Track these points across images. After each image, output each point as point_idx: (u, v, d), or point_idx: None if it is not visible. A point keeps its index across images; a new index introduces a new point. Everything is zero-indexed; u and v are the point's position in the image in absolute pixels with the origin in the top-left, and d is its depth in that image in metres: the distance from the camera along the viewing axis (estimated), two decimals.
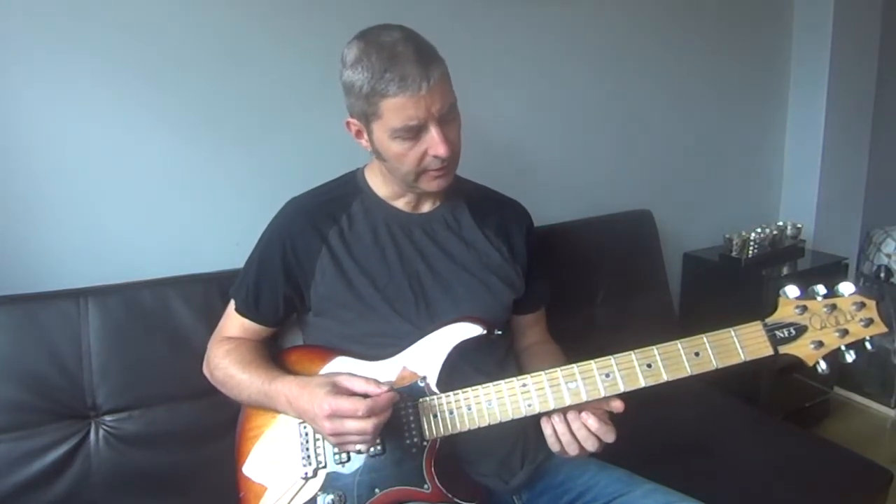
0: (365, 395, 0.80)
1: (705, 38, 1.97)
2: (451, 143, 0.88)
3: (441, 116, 0.86)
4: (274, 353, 1.01)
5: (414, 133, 0.86)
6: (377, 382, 0.83)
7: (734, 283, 1.86)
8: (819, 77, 2.13)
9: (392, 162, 0.90)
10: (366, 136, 0.92)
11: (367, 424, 0.77)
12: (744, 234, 1.89)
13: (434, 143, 0.86)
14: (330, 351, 0.96)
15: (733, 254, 1.88)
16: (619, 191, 1.84)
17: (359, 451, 0.85)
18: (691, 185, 2.05)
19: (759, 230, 1.91)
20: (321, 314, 0.98)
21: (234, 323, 1.03)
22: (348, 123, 0.94)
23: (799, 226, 2.01)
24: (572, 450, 0.82)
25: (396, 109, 0.83)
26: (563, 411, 0.82)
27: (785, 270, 1.91)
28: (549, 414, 0.83)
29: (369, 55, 0.83)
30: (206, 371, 1.04)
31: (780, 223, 1.99)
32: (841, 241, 2.29)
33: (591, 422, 0.80)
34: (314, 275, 0.95)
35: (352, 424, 0.78)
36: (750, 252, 1.87)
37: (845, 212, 2.34)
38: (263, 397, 0.90)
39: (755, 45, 2.11)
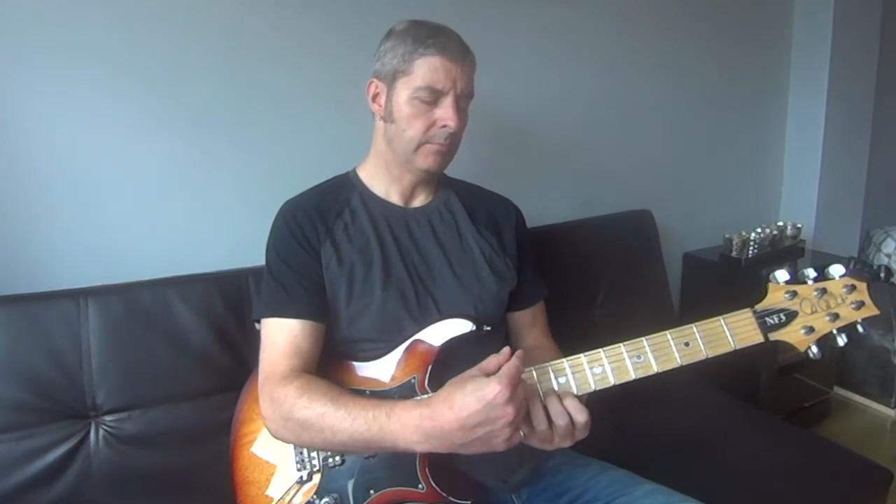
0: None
1: (706, 38, 1.97)
2: (461, 120, 0.93)
3: (460, 95, 0.92)
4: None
5: (432, 98, 0.91)
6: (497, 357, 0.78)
7: (734, 283, 1.86)
8: (819, 77, 2.13)
9: (400, 124, 0.93)
10: (384, 98, 0.95)
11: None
12: (744, 234, 1.88)
13: (447, 113, 0.91)
14: (333, 357, 0.94)
15: (733, 254, 1.88)
16: (619, 191, 1.84)
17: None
18: (691, 185, 2.06)
19: (759, 230, 1.91)
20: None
21: (280, 343, 0.89)
22: (369, 85, 0.98)
23: (799, 226, 2.01)
24: (538, 423, 0.77)
25: (428, 68, 0.90)
26: None
27: None
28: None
29: (419, 27, 0.93)
30: (272, 419, 0.85)
31: (780, 223, 1.99)
32: (841, 241, 2.29)
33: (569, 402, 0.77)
34: (321, 258, 0.94)
35: (521, 392, 0.72)
36: (750, 252, 1.87)
37: (845, 212, 2.34)
38: (377, 433, 0.77)
39: (755, 45, 2.11)
